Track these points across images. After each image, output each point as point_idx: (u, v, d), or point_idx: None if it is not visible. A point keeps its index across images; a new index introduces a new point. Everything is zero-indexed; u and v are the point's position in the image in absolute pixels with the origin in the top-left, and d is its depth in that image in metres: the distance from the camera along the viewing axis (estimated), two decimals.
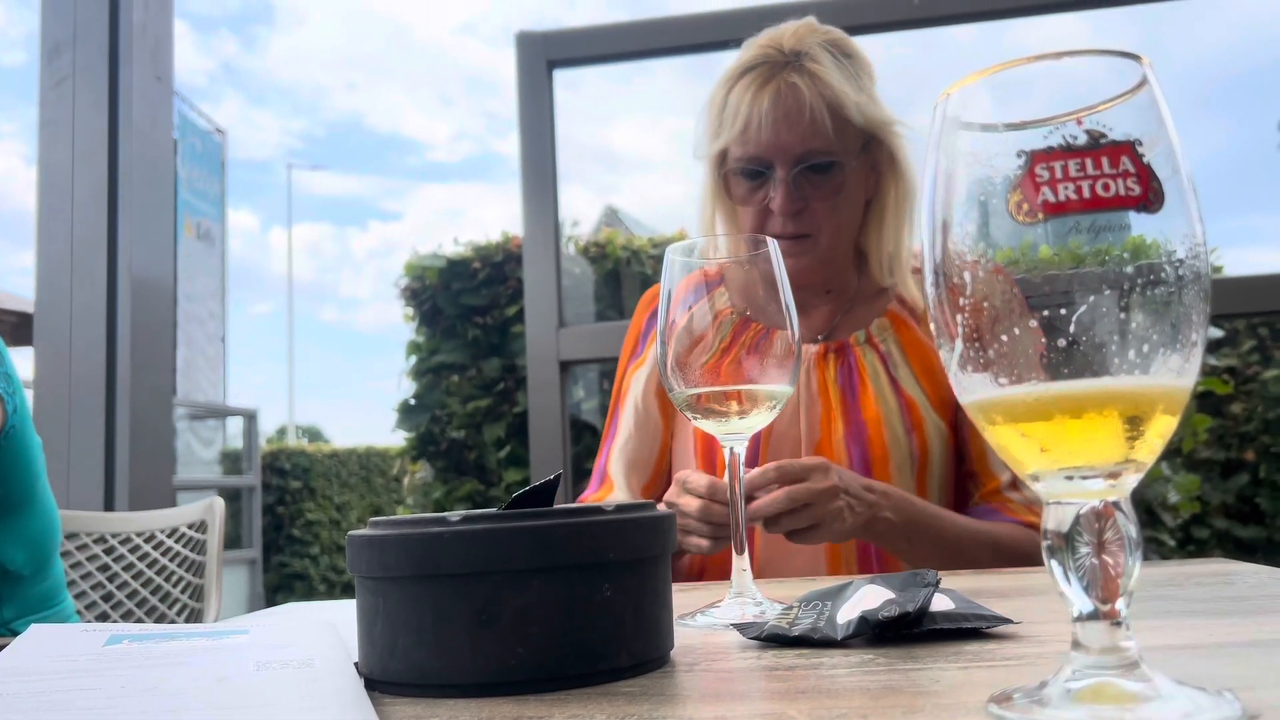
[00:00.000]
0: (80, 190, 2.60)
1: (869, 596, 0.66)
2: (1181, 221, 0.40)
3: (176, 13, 2.82)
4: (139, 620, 1.86)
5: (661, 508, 0.63)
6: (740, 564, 0.82)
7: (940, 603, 0.65)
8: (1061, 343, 0.40)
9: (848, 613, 0.64)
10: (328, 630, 0.69)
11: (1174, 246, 0.40)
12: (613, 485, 1.41)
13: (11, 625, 1.53)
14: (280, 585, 9.01)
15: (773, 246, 0.84)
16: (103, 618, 1.85)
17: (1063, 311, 0.40)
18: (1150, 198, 0.40)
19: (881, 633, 0.62)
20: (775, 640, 0.64)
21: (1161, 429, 0.41)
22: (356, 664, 0.58)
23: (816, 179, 1.29)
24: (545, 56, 2.43)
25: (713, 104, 1.34)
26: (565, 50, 2.46)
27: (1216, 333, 3.82)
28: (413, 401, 4.30)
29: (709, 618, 0.77)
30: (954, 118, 0.44)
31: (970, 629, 0.63)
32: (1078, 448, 0.41)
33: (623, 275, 4.09)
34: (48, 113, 2.63)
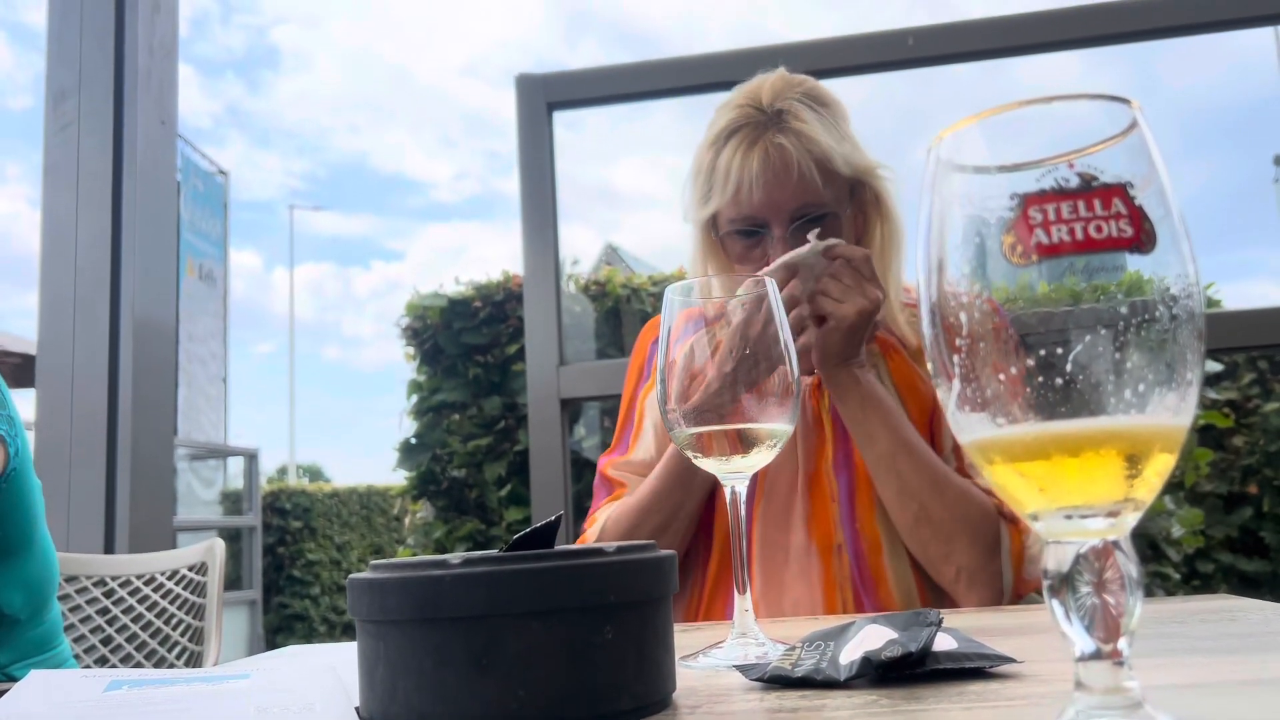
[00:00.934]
0: (83, 233, 2.62)
1: (871, 636, 0.65)
2: (1174, 262, 0.41)
3: (182, 57, 2.86)
4: (138, 664, 1.84)
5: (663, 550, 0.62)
6: (742, 604, 0.81)
7: (943, 642, 0.65)
8: (1058, 382, 0.40)
9: (850, 653, 0.63)
10: (328, 674, 0.69)
11: (1167, 286, 0.40)
12: (626, 485, 1.39)
13: (7, 670, 1.52)
14: (280, 626, 8.95)
15: (771, 286, 0.84)
16: (102, 661, 1.84)
17: (1059, 351, 0.40)
18: (1143, 239, 0.40)
19: (885, 673, 0.61)
20: (778, 682, 0.63)
21: (1160, 467, 0.41)
22: (357, 708, 0.58)
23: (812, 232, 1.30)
24: (545, 99, 2.46)
25: (699, 169, 1.35)
26: (564, 92, 2.48)
27: (1216, 366, 3.82)
28: (414, 440, 4.29)
29: (711, 659, 0.76)
30: (948, 160, 0.44)
31: (973, 669, 0.62)
32: (1076, 487, 0.41)
33: (623, 313, 4.11)
34: (52, 157, 2.66)
